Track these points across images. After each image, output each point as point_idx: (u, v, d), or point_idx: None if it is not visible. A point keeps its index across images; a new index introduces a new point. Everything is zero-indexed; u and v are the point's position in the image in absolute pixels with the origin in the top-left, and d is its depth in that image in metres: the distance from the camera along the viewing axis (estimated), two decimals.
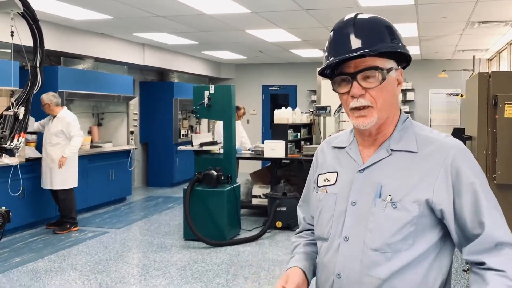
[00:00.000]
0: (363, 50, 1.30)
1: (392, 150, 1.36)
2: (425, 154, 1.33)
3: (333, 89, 1.40)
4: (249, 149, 7.98)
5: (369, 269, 1.31)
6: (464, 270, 4.55)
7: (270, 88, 12.67)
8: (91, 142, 7.99)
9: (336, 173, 1.44)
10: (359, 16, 1.37)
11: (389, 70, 1.34)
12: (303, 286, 1.44)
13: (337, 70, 1.37)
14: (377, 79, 1.32)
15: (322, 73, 1.43)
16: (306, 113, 8.89)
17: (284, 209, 6.46)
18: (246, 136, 8.58)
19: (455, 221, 1.29)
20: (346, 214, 1.37)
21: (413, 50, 9.60)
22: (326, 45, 1.41)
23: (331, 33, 1.40)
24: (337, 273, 1.36)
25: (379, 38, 1.33)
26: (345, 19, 1.39)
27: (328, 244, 1.40)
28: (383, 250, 1.30)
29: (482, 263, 1.27)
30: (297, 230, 1.66)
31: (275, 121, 7.70)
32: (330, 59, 1.35)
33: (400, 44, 1.36)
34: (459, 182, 1.29)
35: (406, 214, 1.29)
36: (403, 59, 1.41)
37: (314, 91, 11.11)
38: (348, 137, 1.48)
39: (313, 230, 1.56)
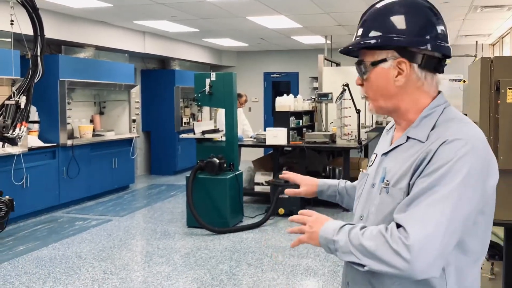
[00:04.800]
0: (348, 46, 1.39)
1: (408, 137, 1.38)
2: (428, 143, 1.30)
3: None
4: (251, 137, 7.98)
5: None
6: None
7: (272, 76, 12.63)
8: (93, 130, 8.00)
9: (375, 155, 1.51)
10: (378, 4, 1.41)
11: (377, 62, 1.35)
12: (307, 185, 1.73)
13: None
14: (361, 72, 1.39)
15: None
16: (308, 100, 8.85)
17: (286, 196, 6.47)
18: (248, 124, 8.57)
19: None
20: (367, 193, 1.45)
21: None
22: None
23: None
24: None
25: (377, 28, 1.36)
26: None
27: (354, 220, 1.49)
28: None
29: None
30: None
31: (277, 109, 7.68)
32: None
33: (389, 36, 1.33)
34: (431, 162, 1.24)
35: (392, 200, 1.31)
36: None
37: (316, 78, 11.07)
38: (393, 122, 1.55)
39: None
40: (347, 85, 6.78)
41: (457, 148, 1.22)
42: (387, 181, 1.34)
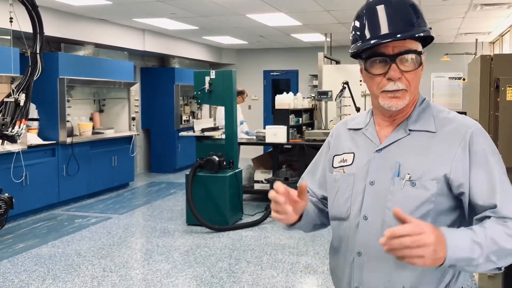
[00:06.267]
0: (407, 33, 1.32)
1: (410, 130, 1.38)
2: (444, 133, 1.35)
3: (365, 69, 1.38)
4: (246, 132, 8.04)
5: None
6: None
7: (272, 73, 12.62)
8: (93, 128, 8.00)
9: (352, 154, 1.46)
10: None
11: (420, 53, 1.37)
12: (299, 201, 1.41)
13: (369, 50, 1.35)
14: (413, 62, 1.34)
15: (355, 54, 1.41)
16: (307, 98, 8.85)
17: None
18: (245, 122, 8.59)
19: (469, 197, 1.30)
20: (365, 193, 1.38)
21: None
22: (357, 24, 1.39)
23: (364, 12, 1.38)
24: (357, 251, 1.39)
25: (413, 20, 1.35)
26: None
27: (347, 224, 1.42)
28: None
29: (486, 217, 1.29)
30: None
31: (277, 107, 7.67)
32: (368, 41, 1.33)
33: (428, 26, 1.38)
34: (473, 154, 1.31)
35: (424, 192, 1.31)
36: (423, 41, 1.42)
37: (315, 76, 11.06)
38: (365, 119, 1.49)
39: (314, 200, 1.57)
40: (346, 83, 6.77)
41: (484, 137, 1.35)
42: (408, 174, 1.33)
